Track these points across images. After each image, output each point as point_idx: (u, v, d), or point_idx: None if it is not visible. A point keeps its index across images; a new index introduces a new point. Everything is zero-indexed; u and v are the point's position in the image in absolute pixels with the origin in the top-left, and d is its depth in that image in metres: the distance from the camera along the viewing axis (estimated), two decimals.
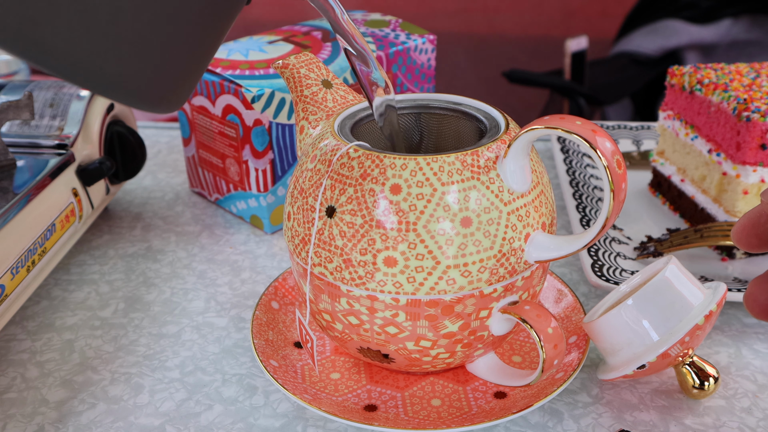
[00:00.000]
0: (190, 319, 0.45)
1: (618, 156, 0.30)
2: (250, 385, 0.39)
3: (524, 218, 0.33)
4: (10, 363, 0.41)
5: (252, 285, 0.48)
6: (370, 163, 0.32)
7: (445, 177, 0.31)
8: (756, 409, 0.37)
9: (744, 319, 0.44)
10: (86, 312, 0.45)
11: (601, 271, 0.44)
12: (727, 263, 0.48)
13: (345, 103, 0.38)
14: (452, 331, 0.34)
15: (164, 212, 0.57)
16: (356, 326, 0.34)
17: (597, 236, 0.32)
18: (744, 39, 1.30)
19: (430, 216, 0.31)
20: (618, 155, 0.30)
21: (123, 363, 0.41)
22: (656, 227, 0.52)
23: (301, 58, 0.39)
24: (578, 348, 0.38)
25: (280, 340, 0.40)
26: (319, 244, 0.33)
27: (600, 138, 0.30)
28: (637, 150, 0.62)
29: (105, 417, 0.38)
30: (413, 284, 0.32)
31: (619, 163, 0.30)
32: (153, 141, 0.68)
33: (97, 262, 0.50)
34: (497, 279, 0.33)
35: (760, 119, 0.45)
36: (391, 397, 0.37)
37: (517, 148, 0.32)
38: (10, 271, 0.40)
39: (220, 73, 0.50)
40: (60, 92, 0.50)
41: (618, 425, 0.36)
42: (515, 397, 0.36)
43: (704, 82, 0.50)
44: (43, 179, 0.44)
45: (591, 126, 0.30)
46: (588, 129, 0.30)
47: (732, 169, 0.47)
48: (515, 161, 0.32)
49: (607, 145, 0.30)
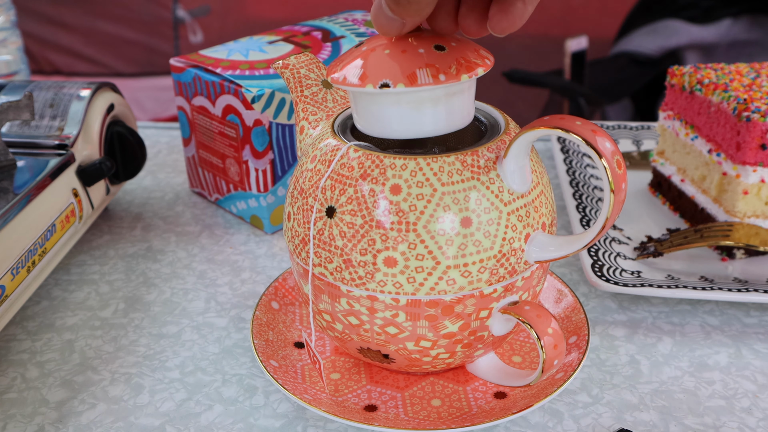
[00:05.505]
0: (190, 320, 0.45)
1: (618, 156, 0.30)
2: (250, 385, 0.39)
3: (524, 218, 0.33)
4: (10, 363, 0.41)
5: (252, 285, 0.48)
6: (370, 164, 0.32)
7: (445, 177, 0.31)
8: (756, 409, 0.37)
9: (744, 319, 0.44)
10: (86, 312, 0.45)
11: (601, 271, 0.44)
12: (727, 263, 0.48)
13: (345, 103, 0.38)
14: (452, 331, 0.34)
15: (164, 212, 0.57)
16: (356, 326, 0.34)
17: (597, 236, 0.32)
18: (744, 39, 1.30)
19: (430, 216, 0.31)
20: (618, 155, 0.30)
21: (123, 363, 0.41)
22: (656, 227, 0.52)
23: (301, 58, 0.39)
24: (578, 348, 0.38)
25: (280, 340, 0.40)
26: (319, 244, 0.33)
27: (600, 138, 0.30)
28: (637, 150, 0.62)
29: (105, 417, 0.38)
30: (413, 284, 0.32)
31: (619, 163, 0.30)
32: (153, 141, 0.68)
33: (98, 263, 0.50)
34: (497, 279, 0.33)
35: (760, 119, 0.45)
36: (391, 397, 0.37)
37: (517, 149, 0.32)
38: (10, 272, 0.40)
39: (220, 74, 0.50)
40: (60, 92, 0.50)
41: (618, 425, 0.36)
42: (515, 398, 0.36)
43: (704, 82, 0.50)
44: (44, 180, 0.44)
45: (591, 126, 0.30)
46: (588, 129, 0.30)
47: (732, 169, 0.47)
48: (515, 161, 0.32)
49: (607, 145, 0.30)
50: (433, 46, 0.32)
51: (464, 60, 0.32)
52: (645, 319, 0.44)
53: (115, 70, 1.71)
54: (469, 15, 0.31)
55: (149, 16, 1.69)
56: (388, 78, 0.31)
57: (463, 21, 0.31)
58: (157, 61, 1.71)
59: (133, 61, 1.72)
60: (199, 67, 0.52)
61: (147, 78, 1.72)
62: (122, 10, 1.69)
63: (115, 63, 1.72)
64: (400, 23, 0.30)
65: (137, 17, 1.69)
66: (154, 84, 1.71)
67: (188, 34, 1.71)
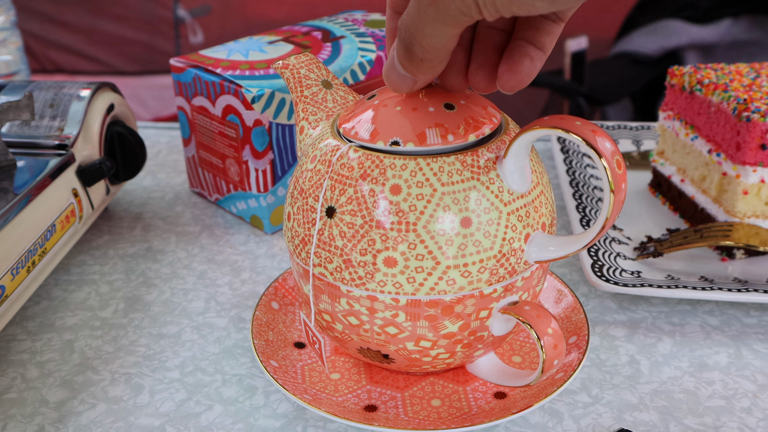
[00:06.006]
0: (190, 320, 0.45)
1: (618, 156, 0.30)
2: (250, 385, 0.39)
3: (524, 218, 0.33)
4: (10, 363, 0.41)
5: (252, 285, 0.48)
6: (370, 164, 0.32)
7: (445, 177, 0.31)
8: (756, 409, 0.37)
9: (744, 319, 0.44)
10: (86, 312, 0.45)
11: (601, 272, 0.44)
12: (727, 263, 0.48)
13: (345, 103, 0.38)
14: (452, 331, 0.34)
15: (164, 212, 0.57)
16: (356, 326, 0.34)
17: (597, 236, 0.32)
18: (744, 39, 1.30)
19: (430, 216, 0.31)
20: (618, 155, 0.30)
21: (123, 363, 0.41)
22: (656, 227, 0.52)
23: (301, 58, 0.39)
24: (578, 348, 0.38)
25: (280, 340, 0.40)
26: (319, 244, 0.33)
27: (600, 138, 0.30)
28: (637, 150, 0.62)
29: (105, 417, 0.38)
30: (413, 284, 0.32)
31: (619, 163, 0.30)
32: (153, 141, 0.68)
33: (97, 263, 0.50)
34: (497, 279, 0.33)
35: (760, 119, 0.45)
36: (391, 397, 0.37)
37: (517, 149, 0.32)
38: (10, 272, 0.40)
39: (220, 74, 0.50)
40: (60, 93, 0.50)
41: (618, 425, 0.36)
42: (515, 398, 0.36)
43: (704, 82, 0.50)
44: (43, 180, 0.44)
45: (591, 126, 0.30)
46: (588, 129, 0.30)
47: (732, 169, 0.47)
48: (515, 161, 0.32)
49: (607, 146, 0.30)
50: (443, 105, 0.33)
51: (472, 119, 0.33)
52: (645, 319, 0.44)
53: (117, 69, 1.72)
54: (479, 73, 0.31)
55: (150, 16, 1.70)
56: (399, 136, 0.32)
57: (472, 78, 0.32)
58: (159, 59, 1.71)
59: (135, 59, 1.72)
60: (199, 67, 0.52)
61: (149, 76, 1.72)
62: (123, 9, 1.69)
63: (117, 61, 1.73)
64: (412, 81, 0.31)
65: (138, 17, 1.70)
66: (156, 82, 1.71)
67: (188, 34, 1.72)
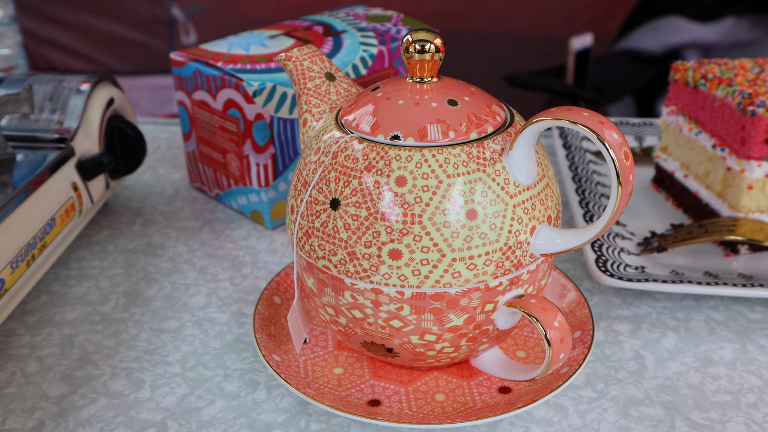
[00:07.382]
0: (191, 314, 0.44)
1: (625, 147, 0.30)
2: (252, 380, 0.39)
3: (530, 211, 0.32)
4: (9, 358, 0.41)
5: (253, 280, 0.47)
6: (375, 155, 0.32)
7: (451, 169, 0.31)
8: (762, 404, 0.37)
9: (749, 314, 0.44)
10: (86, 307, 0.45)
11: (605, 266, 0.44)
12: (731, 258, 0.48)
13: (348, 95, 0.38)
14: (457, 324, 0.33)
15: (164, 208, 0.56)
16: (360, 320, 0.34)
17: (604, 229, 0.31)
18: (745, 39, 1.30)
19: (436, 208, 0.31)
20: (625, 147, 0.30)
21: (124, 358, 0.41)
22: (659, 223, 0.52)
23: (304, 50, 0.38)
24: (583, 343, 0.38)
25: (282, 335, 0.39)
26: (323, 236, 0.33)
27: (607, 129, 0.30)
28: (639, 146, 0.62)
29: (106, 412, 0.37)
30: (418, 277, 0.32)
31: (627, 154, 0.30)
32: (153, 136, 0.68)
33: (97, 257, 0.50)
34: (503, 272, 0.32)
35: (765, 114, 0.45)
36: (395, 392, 0.37)
37: (523, 140, 0.32)
38: (9, 266, 0.39)
39: (221, 68, 0.50)
40: (59, 86, 0.50)
41: (623, 420, 0.36)
42: (520, 392, 0.36)
43: (708, 76, 0.50)
44: (43, 173, 0.44)
45: (598, 117, 0.30)
46: (595, 120, 0.30)
47: (736, 164, 0.47)
48: (521, 153, 0.32)
49: (615, 137, 0.30)
50: (446, 101, 0.33)
51: (475, 117, 0.33)
52: (649, 314, 0.44)
53: (111, 68, 1.71)
54: None
55: (145, 15, 1.69)
56: (399, 131, 0.32)
57: None
58: (153, 59, 1.70)
59: (129, 59, 1.72)
60: (199, 61, 0.52)
61: (143, 77, 1.71)
62: (118, 8, 1.68)
63: (111, 61, 1.72)
64: None
65: (133, 15, 1.69)
66: (150, 83, 1.70)
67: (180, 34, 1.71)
